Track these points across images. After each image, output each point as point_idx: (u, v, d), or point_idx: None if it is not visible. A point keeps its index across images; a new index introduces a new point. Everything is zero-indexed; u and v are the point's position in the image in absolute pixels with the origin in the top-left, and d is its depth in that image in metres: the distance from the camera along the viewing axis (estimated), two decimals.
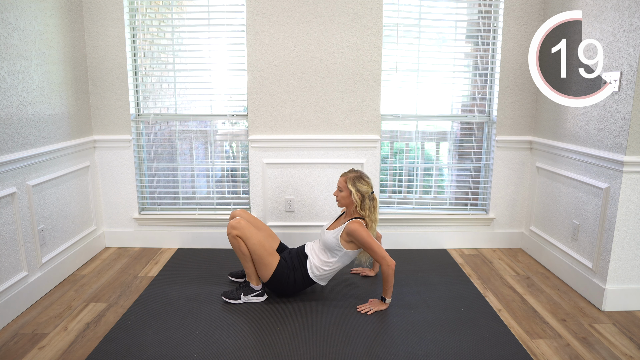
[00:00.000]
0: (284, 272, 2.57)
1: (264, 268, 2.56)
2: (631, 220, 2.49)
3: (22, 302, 2.54)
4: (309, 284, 2.64)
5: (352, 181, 2.58)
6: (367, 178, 2.61)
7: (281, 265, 2.57)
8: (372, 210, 2.61)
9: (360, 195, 2.57)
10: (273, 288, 2.64)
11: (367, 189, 2.58)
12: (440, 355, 2.14)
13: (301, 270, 2.61)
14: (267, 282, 2.60)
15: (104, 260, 3.27)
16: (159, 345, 2.20)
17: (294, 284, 2.61)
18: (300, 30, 3.23)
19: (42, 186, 2.74)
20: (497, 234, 3.56)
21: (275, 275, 2.56)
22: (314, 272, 2.61)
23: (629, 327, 2.41)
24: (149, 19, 3.44)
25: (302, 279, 2.61)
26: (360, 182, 2.58)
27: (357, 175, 2.60)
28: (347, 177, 2.60)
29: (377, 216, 2.63)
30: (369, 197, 2.59)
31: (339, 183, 2.64)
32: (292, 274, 2.60)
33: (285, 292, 2.65)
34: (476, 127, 3.51)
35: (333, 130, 3.38)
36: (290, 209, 3.49)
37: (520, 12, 3.23)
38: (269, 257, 2.55)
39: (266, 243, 2.57)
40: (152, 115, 3.46)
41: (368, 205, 2.59)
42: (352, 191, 2.57)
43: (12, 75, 2.46)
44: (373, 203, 2.61)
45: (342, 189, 2.61)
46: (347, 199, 2.61)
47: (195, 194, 3.62)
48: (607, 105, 2.56)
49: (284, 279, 2.58)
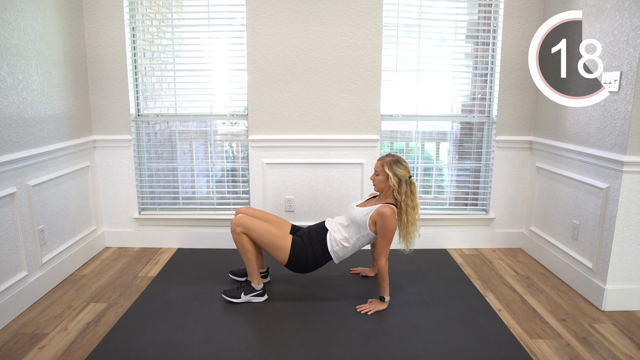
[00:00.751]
0: (300, 248, 2.56)
1: (279, 252, 2.54)
2: (631, 220, 2.49)
3: (22, 302, 2.54)
4: (328, 257, 2.62)
5: (390, 165, 2.53)
6: (405, 162, 2.57)
7: (295, 243, 2.56)
8: (408, 195, 2.55)
9: (398, 179, 2.53)
10: (294, 267, 2.61)
11: (405, 173, 2.54)
12: (440, 355, 2.14)
13: (320, 244, 2.60)
14: (288, 264, 2.58)
15: (104, 260, 3.27)
16: (159, 345, 2.20)
17: (314, 258, 2.59)
18: (300, 30, 3.23)
19: (42, 186, 2.74)
20: (497, 234, 3.56)
21: (292, 254, 2.54)
22: (333, 247, 2.59)
23: (629, 327, 2.41)
24: (149, 19, 3.44)
25: (321, 253, 2.59)
26: (398, 166, 2.53)
27: (394, 159, 2.55)
28: (384, 160, 2.56)
29: (416, 201, 2.58)
30: (407, 182, 2.54)
31: (375, 167, 2.60)
32: (311, 249, 2.58)
33: (306, 268, 2.62)
34: (476, 127, 3.51)
35: (333, 130, 3.38)
36: (290, 209, 3.49)
37: (520, 12, 3.23)
38: (281, 240, 2.54)
39: (273, 229, 2.55)
40: (152, 115, 3.46)
41: (405, 190, 2.53)
42: (389, 175, 2.52)
43: (12, 75, 2.46)
44: (411, 187, 2.55)
45: (378, 173, 2.58)
46: (384, 182, 2.56)
47: (195, 194, 3.62)
48: (607, 105, 2.56)
49: (303, 255, 2.56)
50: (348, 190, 3.46)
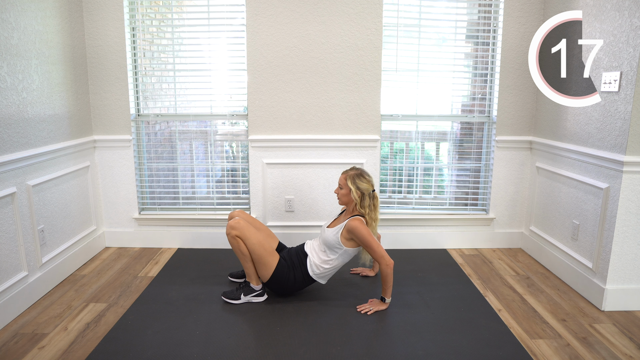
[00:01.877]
0: (283, 271, 2.57)
1: (263, 268, 2.56)
2: (631, 220, 2.49)
3: (22, 302, 2.54)
4: (309, 282, 2.64)
5: (352, 179, 2.57)
6: (368, 176, 2.60)
7: (281, 265, 2.57)
8: (372, 209, 2.59)
9: (360, 193, 2.56)
10: (273, 288, 2.64)
11: (368, 186, 2.57)
12: (440, 355, 2.14)
13: (301, 268, 2.61)
14: (267, 282, 2.60)
15: (104, 260, 3.27)
16: (159, 345, 2.20)
17: (294, 282, 2.60)
18: (300, 30, 3.23)
19: (42, 186, 2.74)
20: (497, 234, 3.56)
21: (275, 274, 2.56)
22: (314, 271, 2.60)
23: (629, 327, 2.41)
24: (149, 19, 3.44)
25: (302, 278, 2.61)
26: (361, 180, 2.56)
27: (357, 173, 2.58)
28: (348, 174, 2.60)
29: (377, 215, 2.62)
30: (370, 195, 2.58)
31: (339, 180, 2.63)
32: (292, 273, 2.60)
33: (285, 291, 2.65)
34: (476, 127, 3.51)
35: (333, 130, 3.38)
36: (290, 209, 3.49)
37: (520, 12, 3.23)
38: (269, 257, 2.55)
39: (265, 243, 2.57)
40: (152, 115, 3.46)
41: (368, 203, 2.57)
42: (351, 189, 2.56)
43: (12, 75, 2.46)
44: (373, 201, 2.59)
45: (342, 187, 2.61)
46: (347, 196, 2.60)
47: (195, 194, 3.62)
48: (607, 105, 2.56)
49: (284, 277, 2.58)
50: None
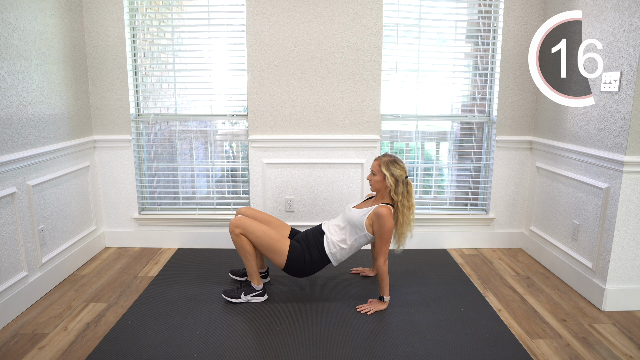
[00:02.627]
0: (297, 252, 2.56)
1: (276, 255, 2.54)
2: (631, 220, 2.49)
3: (22, 302, 2.54)
4: (326, 261, 2.63)
5: (387, 165, 2.54)
6: (402, 162, 2.58)
7: (293, 247, 2.56)
8: (405, 195, 2.56)
9: (394, 179, 2.54)
10: (292, 271, 2.62)
11: (401, 173, 2.55)
12: (440, 355, 2.14)
13: (317, 247, 2.60)
14: (285, 267, 2.59)
15: (104, 260, 3.27)
16: (159, 345, 2.20)
17: (312, 262, 2.59)
18: (300, 30, 3.23)
19: (42, 186, 2.74)
20: (497, 234, 3.56)
21: (290, 257, 2.55)
22: (330, 249, 2.59)
23: (629, 327, 2.41)
24: (149, 19, 3.44)
25: (319, 256, 2.60)
26: (395, 166, 2.54)
27: (391, 160, 2.56)
28: (381, 160, 2.57)
29: (412, 201, 2.59)
30: (403, 182, 2.55)
31: (372, 167, 2.61)
32: (308, 253, 2.58)
33: (304, 272, 2.63)
34: (476, 127, 3.51)
35: (333, 130, 3.38)
36: (290, 209, 3.49)
37: (520, 12, 3.23)
38: (279, 244, 2.54)
39: (271, 232, 2.56)
40: (152, 115, 3.45)
41: (402, 190, 2.55)
42: (386, 175, 2.53)
43: (12, 75, 2.46)
44: (407, 187, 2.57)
45: (375, 173, 2.59)
46: (381, 182, 2.58)
47: (195, 194, 3.62)
48: (607, 105, 2.56)
49: (300, 259, 2.56)
50: (348, 191, 3.46)
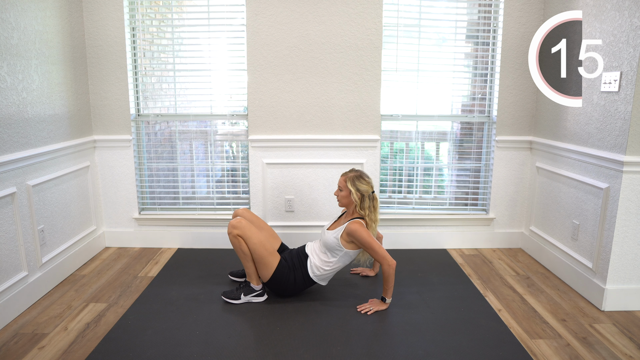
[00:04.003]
0: (284, 272, 2.57)
1: (264, 268, 2.56)
2: (631, 220, 2.49)
3: (22, 302, 2.54)
4: (309, 284, 2.64)
5: (352, 180, 2.58)
6: (367, 177, 2.61)
7: (281, 265, 2.57)
8: (372, 210, 2.60)
9: (360, 194, 2.57)
10: (273, 288, 2.64)
11: (367, 188, 2.58)
12: (440, 355, 2.14)
13: (301, 270, 2.61)
14: (268, 282, 2.60)
15: (104, 260, 3.27)
16: (159, 345, 2.20)
17: (294, 283, 2.60)
18: (300, 30, 3.23)
19: (42, 186, 2.74)
20: (497, 234, 3.56)
21: (275, 275, 2.56)
22: (315, 272, 2.60)
23: (629, 327, 2.41)
24: (149, 19, 3.44)
25: (302, 279, 2.61)
26: (360, 182, 2.58)
27: (356, 175, 2.60)
28: (347, 176, 2.61)
29: (377, 216, 2.63)
30: (369, 197, 2.59)
31: (339, 182, 2.64)
32: (293, 274, 2.60)
33: (285, 292, 2.65)
34: (476, 127, 3.51)
35: (333, 130, 3.38)
36: (290, 209, 3.49)
37: (520, 12, 3.23)
38: (270, 257, 2.55)
39: (267, 243, 2.57)
40: (152, 115, 3.45)
41: (368, 205, 2.58)
42: (351, 190, 2.57)
43: (12, 75, 2.46)
44: (373, 202, 2.61)
45: (342, 189, 2.62)
46: (347, 198, 2.61)
47: (195, 194, 3.62)
48: (607, 105, 2.56)
49: (284, 278, 2.58)
50: None
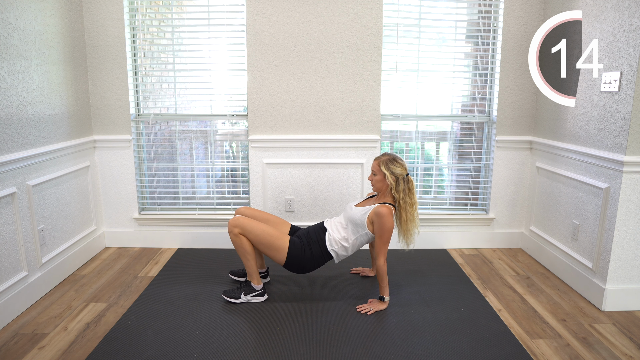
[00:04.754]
0: (298, 248, 2.56)
1: (276, 253, 2.54)
2: (631, 220, 2.49)
3: (22, 302, 2.54)
4: (327, 257, 2.62)
5: (386, 164, 2.54)
6: (401, 160, 2.57)
7: (293, 243, 2.56)
8: (406, 192, 2.55)
9: (395, 177, 2.53)
10: (293, 268, 2.62)
11: (402, 171, 2.55)
12: (440, 355, 2.14)
13: (319, 243, 2.60)
14: (286, 264, 2.58)
15: (104, 260, 3.27)
16: (159, 345, 2.20)
17: (312, 258, 2.59)
18: (300, 30, 3.23)
19: (42, 186, 2.74)
20: (497, 234, 3.56)
21: (290, 254, 2.54)
22: (332, 246, 2.59)
23: (629, 327, 2.41)
24: (149, 19, 3.44)
25: (319, 252, 2.59)
26: (394, 165, 2.54)
27: (390, 158, 2.56)
28: (380, 160, 2.57)
29: (415, 198, 2.58)
30: (404, 179, 2.55)
31: (372, 167, 2.61)
32: (309, 249, 2.58)
33: (304, 268, 2.62)
34: (476, 127, 3.51)
35: (333, 130, 3.38)
36: (290, 209, 3.49)
37: (520, 12, 3.23)
38: (278, 241, 2.54)
39: (270, 230, 2.56)
40: (152, 115, 3.45)
41: (403, 188, 2.54)
42: (386, 174, 2.53)
43: (12, 75, 2.46)
44: (408, 185, 2.56)
45: (376, 173, 2.59)
46: (382, 182, 2.57)
47: (195, 194, 3.62)
48: (607, 105, 2.56)
49: (301, 255, 2.56)
50: (348, 190, 3.46)
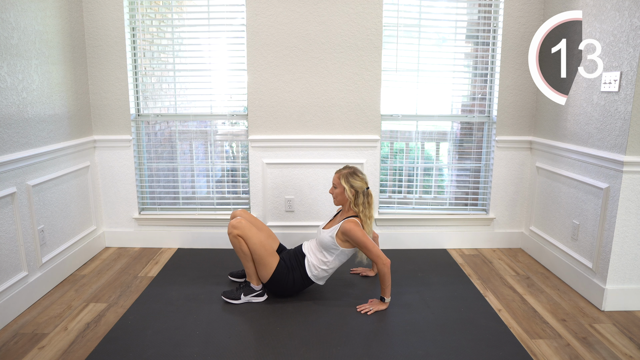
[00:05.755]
0: (283, 272, 2.57)
1: (263, 268, 2.56)
2: (631, 220, 2.49)
3: (22, 302, 2.54)
4: (308, 284, 2.64)
5: (346, 177, 2.57)
6: (361, 174, 2.60)
7: (280, 266, 2.57)
8: (366, 206, 2.58)
9: (354, 191, 2.56)
10: (273, 289, 2.64)
11: (361, 184, 2.57)
12: (440, 355, 2.14)
13: (299, 270, 2.61)
14: (267, 283, 2.60)
15: (104, 260, 3.27)
16: (159, 345, 2.20)
17: (293, 284, 2.60)
18: (300, 30, 3.23)
19: (42, 186, 2.74)
20: (497, 234, 3.56)
21: (274, 275, 2.56)
22: (312, 272, 2.60)
23: (629, 327, 2.41)
24: (149, 19, 3.44)
25: (301, 279, 2.61)
26: (354, 178, 2.56)
27: (350, 172, 2.59)
28: (341, 173, 2.60)
29: (372, 212, 2.61)
30: (364, 193, 2.57)
31: (333, 180, 2.64)
32: (292, 274, 2.60)
33: (284, 292, 2.65)
34: (476, 127, 3.51)
35: (333, 130, 3.38)
36: (290, 209, 3.49)
37: (520, 12, 3.23)
38: (269, 258, 2.55)
39: (266, 243, 2.57)
40: (152, 115, 3.45)
41: (362, 201, 2.57)
42: (345, 187, 2.56)
43: (12, 75, 2.46)
44: (367, 199, 2.59)
45: (336, 186, 2.61)
46: (342, 195, 2.60)
47: (195, 194, 3.62)
48: (607, 105, 2.56)
49: (283, 279, 2.58)
50: None
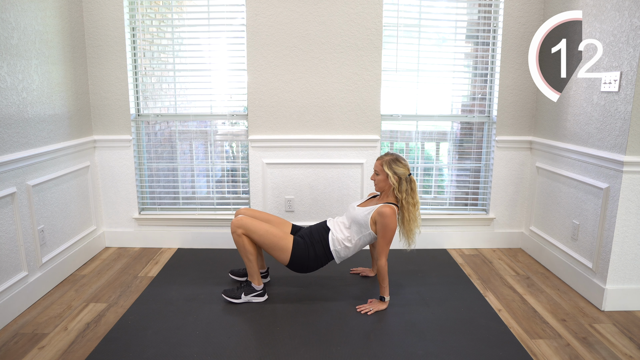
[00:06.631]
0: (302, 248, 2.56)
1: (280, 253, 2.54)
2: (631, 220, 2.49)
3: (22, 302, 2.54)
4: (329, 257, 2.62)
5: (389, 164, 2.54)
6: (404, 160, 2.57)
7: (297, 243, 2.56)
8: (409, 193, 2.55)
9: (397, 177, 2.53)
10: (296, 268, 2.62)
11: (404, 171, 2.54)
12: (440, 355, 2.14)
13: (322, 243, 2.60)
14: (290, 264, 2.59)
15: (104, 260, 3.27)
16: (159, 345, 2.20)
17: (316, 257, 2.59)
18: (300, 30, 3.23)
19: (42, 186, 2.74)
20: (497, 234, 3.56)
21: (294, 254, 2.55)
22: (335, 246, 2.59)
23: (629, 327, 2.41)
24: (149, 19, 3.44)
25: (322, 252, 2.60)
26: (397, 165, 2.54)
27: (393, 158, 2.56)
28: (383, 160, 2.57)
29: (417, 198, 2.59)
30: (407, 179, 2.55)
31: (375, 167, 2.61)
32: (312, 249, 2.58)
33: (308, 268, 2.63)
34: (476, 127, 3.51)
35: (333, 130, 3.38)
36: (291, 209, 3.49)
37: (520, 12, 3.23)
38: (282, 241, 2.54)
39: (274, 230, 2.56)
40: (152, 115, 3.45)
41: (405, 188, 2.54)
42: (388, 174, 2.53)
43: (12, 75, 2.46)
44: (411, 185, 2.56)
45: (378, 172, 2.58)
46: (384, 182, 2.57)
47: (195, 194, 3.62)
48: (607, 105, 2.56)
49: (304, 255, 2.57)
50: (348, 190, 3.46)
